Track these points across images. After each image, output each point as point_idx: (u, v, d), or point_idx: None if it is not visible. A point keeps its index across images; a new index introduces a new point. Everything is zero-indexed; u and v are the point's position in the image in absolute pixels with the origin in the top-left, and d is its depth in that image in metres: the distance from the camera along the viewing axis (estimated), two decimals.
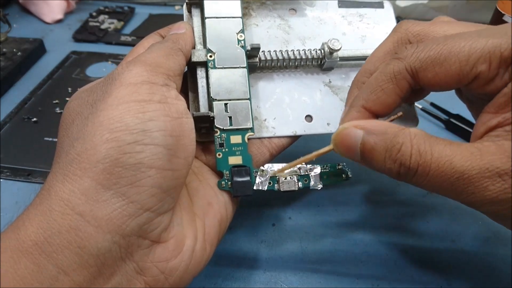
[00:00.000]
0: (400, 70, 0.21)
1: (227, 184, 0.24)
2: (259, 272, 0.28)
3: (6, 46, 0.48)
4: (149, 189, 0.18)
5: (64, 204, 0.17)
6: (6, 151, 0.37)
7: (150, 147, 0.19)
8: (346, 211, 0.32)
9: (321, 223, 0.31)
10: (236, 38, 0.26)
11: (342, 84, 0.29)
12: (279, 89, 0.28)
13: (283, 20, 0.30)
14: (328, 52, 0.28)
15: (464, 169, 0.17)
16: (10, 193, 0.33)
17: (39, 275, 0.16)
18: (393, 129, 0.19)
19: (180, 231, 0.21)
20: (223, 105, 0.25)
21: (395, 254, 0.29)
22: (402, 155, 0.19)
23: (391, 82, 0.21)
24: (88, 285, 0.17)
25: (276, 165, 0.25)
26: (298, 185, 0.25)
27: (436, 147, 0.18)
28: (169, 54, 0.23)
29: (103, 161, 0.18)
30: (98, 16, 0.57)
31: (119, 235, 0.18)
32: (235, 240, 0.30)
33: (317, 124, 0.27)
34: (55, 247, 0.17)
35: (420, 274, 0.28)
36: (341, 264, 0.28)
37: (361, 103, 0.22)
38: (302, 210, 0.32)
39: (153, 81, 0.20)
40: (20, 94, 0.43)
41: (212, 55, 0.25)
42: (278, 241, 0.30)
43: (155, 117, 0.19)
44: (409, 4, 0.55)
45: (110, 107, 0.19)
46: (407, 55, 0.20)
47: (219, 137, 0.24)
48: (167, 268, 0.20)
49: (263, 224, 0.31)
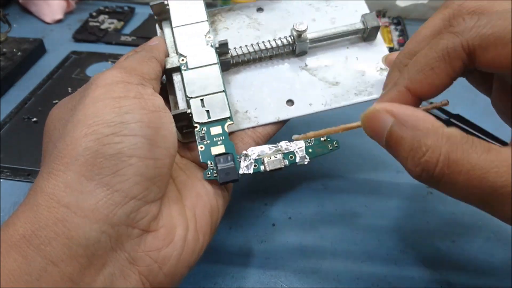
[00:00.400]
0: (455, 46, 0.18)
1: (212, 173, 0.24)
2: (259, 272, 0.28)
3: (6, 46, 0.48)
4: (132, 177, 0.19)
5: (50, 198, 0.18)
6: (6, 151, 0.37)
7: (129, 138, 0.19)
8: (346, 211, 0.32)
9: (321, 223, 0.31)
10: (205, 39, 0.27)
11: (319, 65, 0.29)
12: (257, 81, 0.29)
13: (252, 19, 0.31)
14: (296, 36, 0.28)
15: (499, 184, 0.15)
16: (10, 193, 0.33)
17: (27, 267, 0.16)
18: (427, 125, 0.17)
19: (170, 221, 0.21)
20: (199, 101, 0.26)
21: (395, 254, 0.29)
22: (427, 162, 0.17)
23: (443, 61, 0.18)
24: (78, 276, 0.17)
25: (257, 148, 0.25)
26: (284, 162, 0.25)
27: (472, 156, 0.16)
28: (143, 61, 0.24)
29: (84, 153, 0.18)
30: (98, 16, 0.57)
31: (107, 225, 0.18)
32: (235, 240, 0.30)
33: (299, 107, 0.28)
34: (43, 239, 0.17)
35: (420, 274, 0.28)
36: (341, 264, 0.28)
37: (404, 83, 0.19)
38: (302, 210, 0.32)
39: (128, 80, 0.21)
40: (20, 94, 0.43)
41: (184, 58, 0.27)
42: (278, 241, 0.30)
43: (131, 110, 0.20)
44: (409, 4, 0.55)
45: (87, 106, 0.19)
46: (465, 29, 0.18)
47: (199, 131, 0.25)
48: (159, 257, 0.20)
49: (263, 224, 0.31)
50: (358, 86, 0.28)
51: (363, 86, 0.28)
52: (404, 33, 0.53)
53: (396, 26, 0.54)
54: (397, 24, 0.55)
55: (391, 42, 0.51)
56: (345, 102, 0.28)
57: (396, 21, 0.55)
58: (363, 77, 0.28)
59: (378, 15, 0.56)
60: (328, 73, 0.29)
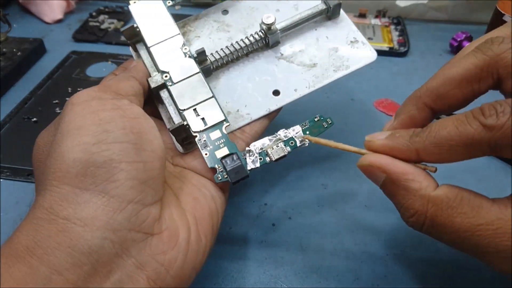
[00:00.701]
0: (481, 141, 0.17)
1: (223, 176, 0.25)
2: (259, 272, 0.28)
3: (6, 46, 0.48)
4: (125, 182, 0.19)
5: (48, 212, 0.18)
6: (6, 151, 0.37)
7: (115, 145, 0.19)
8: (346, 211, 0.32)
9: (321, 223, 0.31)
10: (182, 52, 0.28)
11: (293, 51, 0.30)
12: (240, 80, 0.29)
13: (219, 22, 0.32)
14: (266, 29, 0.29)
15: (482, 246, 0.17)
16: (10, 193, 0.33)
17: (32, 276, 0.17)
18: (415, 186, 0.18)
19: (172, 223, 0.21)
20: (193, 111, 0.26)
21: (395, 254, 0.29)
22: (414, 223, 0.19)
23: (464, 148, 0.17)
24: (83, 283, 0.17)
25: (258, 142, 0.26)
26: (287, 149, 0.25)
27: (456, 220, 0.17)
28: (120, 80, 0.24)
29: (74, 165, 0.18)
30: (98, 16, 0.57)
31: (109, 231, 0.18)
32: (235, 240, 0.30)
33: (285, 95, 0.29)
34: (46, 249, 0.17)
35: (420, 274, 0.28)
36: (341, 264, 0.28)
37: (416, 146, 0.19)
38: (302, 210, 0.32)
39: (102, 97, 0.22)
40: (20, 94, 0.43)
41: (167, 74, 0.27)
42: (278, 241, 0.30)
43: (112, 119, 0.20)
44: (409, 4, 0.55)
45: (68, 123, 0.20)
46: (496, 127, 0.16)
47: (200, 139, 0.26)
48: (165, 260, 0.20)
49: (263, 224, 0.31)
50: (335, 62, 0.29)
51: (340, 61, 0.29)
52: (404, 33, 0.53)
53: (396, 26, 0.54)
54: (397, 24, 0.55)
55: (391, 42, 0.51)
56: (327, 80, 0.29)
57: (396, 21, 0.55)
58: (337, 53, 0.30)
59: (377, 15, 0.56)
60: (304, 57, 0.30)
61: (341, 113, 0.41)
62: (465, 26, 0.55)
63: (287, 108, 0.29)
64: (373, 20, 0.55)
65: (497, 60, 0.18)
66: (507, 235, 0.16)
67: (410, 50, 0.51)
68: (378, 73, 0.47)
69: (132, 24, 0.28)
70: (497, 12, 0.47)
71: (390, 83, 0.46)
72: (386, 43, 0.51)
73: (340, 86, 0.45)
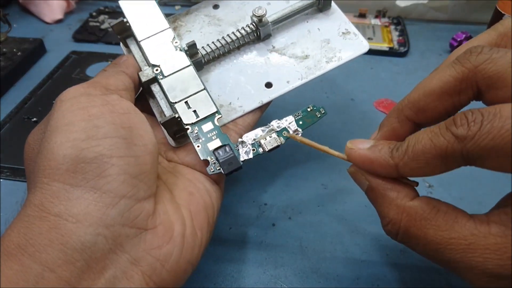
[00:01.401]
0: (454, 152, 0.16)
1: (215, 168, 0.25)
2: (259, 272, 0.28)
3: (6, 46, 0.48)
4: (117, 177, 0.19)
5: (39, 209, 0.18)
6: (6, 151, 0.37)
7: (106, 140, 0.19)
8: (346, 211, 0.32)
9: (321, 223, 0.31)
10: (173, 45, 0.28)
11: (285, 44, 0.30)
12: (232, 73, 0.29)
13: (210, 16, 0.32)
14: (257, 21, 0.29)
15: (454, 260, 0.17)
16: (10, 193, 0.33)
17: (24, 274, 0.16)
18: (391, 195, 0.19)
19: (166, 218, 0.21)
20: (184, 104, 0.26)
21: (395, 254, 0.29)
22: (389, 231, 0.19)
23: (439, 160, 0.17)
24: (76, 280, 0.17)
25: (251, 133, 0.25)
26: (280, 140, 0.25)
27: (429, 232, 0.17)
28: (110, 75, 0.24)
29: (64, 161, 0.18)
30: (98, 16, 0.57)
31: (101, 227, 0.18)
32: (235, 240, 0.30)
33: (278, 87, 0.29)
34: (37, 247, 0.17)
35: (420, 274, 0.28)
36: (341, 264, 0.28)
37: (396, 161, 0.19)
38: (302, 210, 0.32)
39: (91, 92, 0.21)
40: (20, 94, 0.43)
41: (157, 68, 0.27)
42: (278, 241, 0.30)
43: (101, 115, 0.20)
44: (409, 4, 0.55)
45: (57, 119, 0.20)
46: (467, 137, 0.16)
47: (192, 131, 0.25)
48: (161, 254, 0.20)
49: (263, 224, 0.31)
50: (327, 54, 0.29)
51: (332, 53, 0.29)
52: (404, 33, 0.53)
53: (396, 26, 0.54)
54: (397, 24, 0.55)
55: (391, 42, 0.51)
56: (319, 72, 0.29)
57: (396, 21, 0.55)
58: (329, 44, 0.30)
59: (377, 15, 0.56)
60: (296, 49, 0.30)
61: (341, 113, 0.41)
62: (465, 26, 0.55)
63: (283, 105, 0.29)
64: (373, 20, 0.55)
65: (475, 72, 0.18)
66: (479, 251, 0.16)
67: (410, 50, 0.51)
68: (378, 73, 0.47)
69: (122, 19, 0.28)
70: (497, 12, 0.47)
71: (390, 83, 0.46)
72: (386, 43, 0.51)
73: (340, 86, 0.45)
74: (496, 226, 0.16)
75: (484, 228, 0.16)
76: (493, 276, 0.16)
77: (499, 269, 0.16)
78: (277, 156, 0.36)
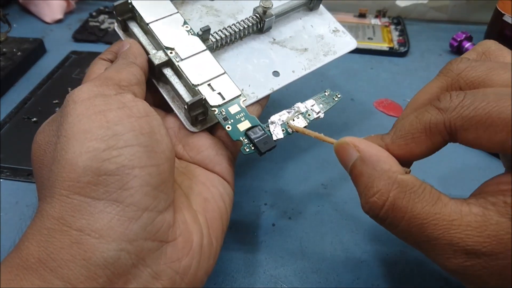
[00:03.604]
0: (437, 123, 0.18)
1: (250, 147, 0.25)
2: (259, 272, 0.28)
3: (6, 46, 0.48)
4: (139, 189, 0.18)
5: (60, 223, 0.17)
6: (6, 151, 0.37)
7: (126, 149, 0.18)
8: (346, 211, 0.32)
9: (321, 223, 0.31)
10: (184, 30, 0.28)
11: (285, 37, 0.32)
12: (239, 61, 0.30)
13: (208, 7, 0.32)
14: (262, 12, 0.30)
15: (435, 237, 0.17)
16: (10, 193, 0.33)
17: None
18: (384, 167, 0.19)
19: (186, 228, 0.21)
20: (207, 86, 0.26)
21: (395, 254, 0.29)
22: (375, 202, 0.18)
23: (424, 133, 0.19)
24: None
25: (278, 114, 0.26)
26: (306, 121, 0.26)
27: (416, 206, 0.17)
28: (121, 68, 0.23)
29: (84, 174, 0.18)
30: (98, 16, 0.57)
31: (125, 242, 0.17)
32: (235, 240, 0.30)
33: (285, 75, 0.30)
34: (59, 262, 0.17)
35: (420, 274, 0.28)
36: (341, 264, 0.28)
37: (387, 141, 0.20)
38: (302, 210, 0.32)
39: (105, 93, 0.20)
40: (20, 94, 0.43)
41: (172, 51, 0.26)
42: (278, 241, 0.30)
43: (119, 121, 0.19)
44: (409, 4, 0.55)
45: (72, 124, 0.19)
46: (450, 108, 0.18)
47: (219, 113, 0.25)
48: (180, 267, 0.20)
49: (263, 224, 0.31)
50: (323, 48, 0.32)
51: (327, 47, 0.32)
52: (404, 33, 0.53)
53: (396, 26, 0.54)
54: (397, 24, 0.55)
55: (391, 42, 0.51)
56: (319, 63, 0.31)
57: (396, 21, 0.55)
58: (324, 40, 0.32)
59: (378, 15, 0.56)
60: (295, 43, 0.32)
61: (341, 113, 0.41)
62: (465, 26, 0.55)
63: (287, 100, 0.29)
64: (373, 20, 0.55)
65: (458, 79, 0.20)
66: (462, 227, 0.16)
67: (410, 50, 0.51)
68: (378, 73, 0.47)
69: None
70: (497, 12, 0.47)
71: (390, 83, 0.46)
72: (386, 43, 0.51)
73: (340, 86, 0.45)
74: (475, 207, 0.17)
75: (465, 208, 0.17)
76: (471, 253, 0.16)
77: (478, 245, 0.16)
78: (277, 156, 0.36)
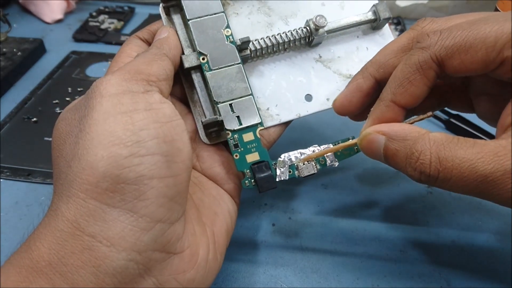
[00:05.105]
0: (425, 59, 0.20)
1: (250, 183, 0.24)
2: (259, 272, 0.28)
3: (6, 46, 0.48)
4: (155, 200, 0.18)
5: (73, 226, 0.17)
6: (6, 151, 0.37)
7: (148, 158, 0.18)
8: (346, 211, 0.32)
9: (321, 223, 0.31)
10: (224, 34, 0.26)
11: (332, 57, 0.29)
12: (274, 75, 0.28)
13: (261, 3, 0.29)
14: (314, 29, 0.27)
15: (488, 172, 0.17)
16: (10, 193, 0.33)
17: None
18: (414, 135, 0.20)
19: (194, 241, 0.21)
20: (228, 106, 0.25)
21: (395, 254, 0.29)
22: (422, 164, 0.19)
23: (417, 73, 0.21)
24: None
25: (291, 153, 0.25)
26: (316, 167, 0.25)
27: (458, 152, 0.18)
28: (153, 60, 0.22)
29: (103, 180, 0.17)
30: (98, 16, 0.57)
31: (135, 252, 0.18)
32: (235, 240, 0.30)
33: (317, 102, 0.28)
34: (70, 267, 0.17)
35: (420, 274, 0.28)
36: (341, 264, 0.28)
37: (389, 97, 0.22)
38: (302, 210, 0.32)
39: (134, 89, 0.20)
40: (20, 94, 0.43)
41: (204, 57, 0.25)
42: (278, 241, 0.30)
43: (145, 126, 0.19)
44: (409, 4, 0.55)
45: (97, 122, 0.18)
46: (431, 44, 0.20)
47: (232, 138, 0.25)
48: (185, 280, 0.20)
49: (263, 224, 0.31)
50: None
51: None
52: None
53: (396, 26, 0.54)
54: (397, 24, 0.55)
55: None
56: None
57: (396, 21, 0.55)
58: None
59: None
60: (341, 65, 0.29)
61: None
62: None
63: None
64: None
65: (422, 31, 0.23)
66: (508, 155, 0.17)
67: None
68: None
69: None
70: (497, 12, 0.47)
71: None
72: None
73: None
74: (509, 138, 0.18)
75: (500, 141, 0.18)
76: None
77: None
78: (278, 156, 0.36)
